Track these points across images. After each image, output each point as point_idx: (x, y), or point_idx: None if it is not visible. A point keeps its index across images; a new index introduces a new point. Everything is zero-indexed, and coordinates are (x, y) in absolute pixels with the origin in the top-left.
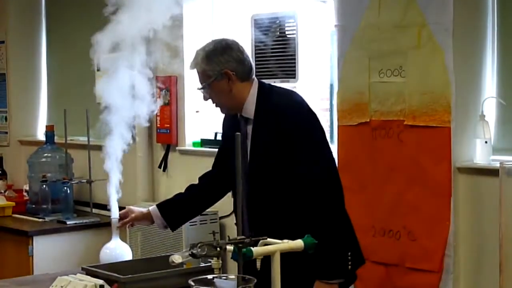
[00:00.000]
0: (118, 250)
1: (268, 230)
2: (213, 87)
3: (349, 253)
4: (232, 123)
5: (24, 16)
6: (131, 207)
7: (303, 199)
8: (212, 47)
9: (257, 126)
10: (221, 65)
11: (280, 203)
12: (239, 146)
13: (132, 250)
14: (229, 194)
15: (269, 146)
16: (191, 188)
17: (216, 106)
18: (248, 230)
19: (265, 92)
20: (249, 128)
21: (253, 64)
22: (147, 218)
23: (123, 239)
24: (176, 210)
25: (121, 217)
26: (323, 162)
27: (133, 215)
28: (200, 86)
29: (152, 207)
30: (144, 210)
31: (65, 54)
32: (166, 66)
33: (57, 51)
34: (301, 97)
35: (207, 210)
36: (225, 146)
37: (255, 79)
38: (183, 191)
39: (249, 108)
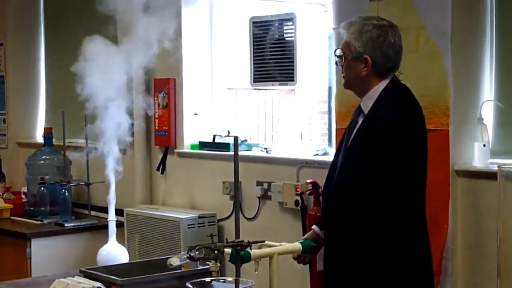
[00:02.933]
0: (115, 252)
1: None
2: (347, 62)
3: None
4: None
5: (22, 18)
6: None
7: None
8: (371, 27)
9: (364, 124)
10: (365, 48)
11: (350, 209)
12: (237, 148)
13: (130, 253)
14: (227, 197)
15: (360, 149)
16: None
17: (343, 78)
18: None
19: (387, 95)
20: (360, 119)
21: (398, 66)
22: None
23: (120, 242)
24: None
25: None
26: (376, 197)
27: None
28: (338, 51)
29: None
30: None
31: (63, 56)
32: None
33: (56, 54)
34: (412, 115)
35: (205, 212)
36: None
37: (391, 78)
38: (181, 194)
39: (368, 101)
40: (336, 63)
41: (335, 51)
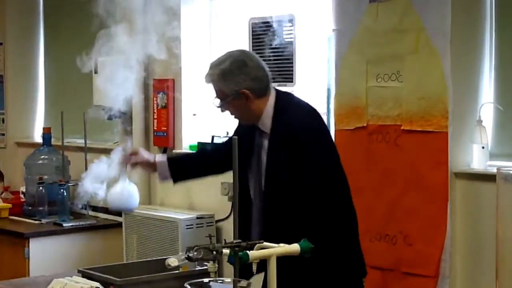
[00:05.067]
0: (125, 192)
1: (284, 240)
2: (230, 104)
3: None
4: (247, 128)
5: (22, 18)
6: (142, 150)
7: (308, 210)
8: (228, 66)
9: (274, 142)
10: (238, 85)
11: (294, 215)
12: (235, 150)
13: (127, 254)
14: (225, 198)
15: (285, 162)
16: (203, 151)
17: (234, 117)
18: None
19: (282, 106)
20: (265, 141)
21: (270, 76)
22: (151, 165)
23: (118, 242)
24: (184, 165)
25: (130, 154)
26: (328, 200)
27: (139, 156)
28: (216, 101)
29: (160, 158)
30: (151, 158)
31: (62, 56)
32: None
33: (55, 53)
34: (317, 115)
35: (203, 213)
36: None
37: (273, 89)
38: (179, 194)
39: (266, 121)
40: (221, 110)
41: (213, 103)
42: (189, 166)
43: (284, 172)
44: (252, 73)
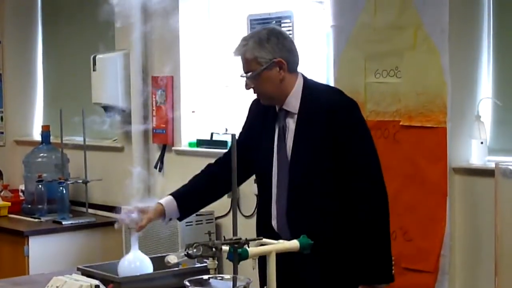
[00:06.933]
0: (138, 262)
1: (307, 227)
2: (262, 75)
3: (393, 258)
4: (262, 112)
5: (20, 16)
6: (141, 207)
7: (351, 204)
8: (265, 34)
9: (303, 122)
10: (274, 53)
11: (322, 201)
12: (234, 147)
13: (127, 251)
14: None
15: (315, 143)
16: (209, 176)
17: (258, 96)
18: (287, 226)
19: (311, 87)
20: (289, 122)
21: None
22: (159, 214)
23: (117, 238)
24: (192, 199)
25: (136, 221)
26: (372, 169)
27: (147, 215)
28: (244, 73)
29: (165, 200)
30: (153, 206)
31: (61, 54)
32: (162, 66)
33: (53, 51)
34: (348, 96)
35: (202, 210)
36: (248, 135)
37: (299, 72)
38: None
39: (293, 102)
40: (246, 86)
41: (242, 76)
42: (197, 198)
43: (314, 149)
44: (287, 44)
